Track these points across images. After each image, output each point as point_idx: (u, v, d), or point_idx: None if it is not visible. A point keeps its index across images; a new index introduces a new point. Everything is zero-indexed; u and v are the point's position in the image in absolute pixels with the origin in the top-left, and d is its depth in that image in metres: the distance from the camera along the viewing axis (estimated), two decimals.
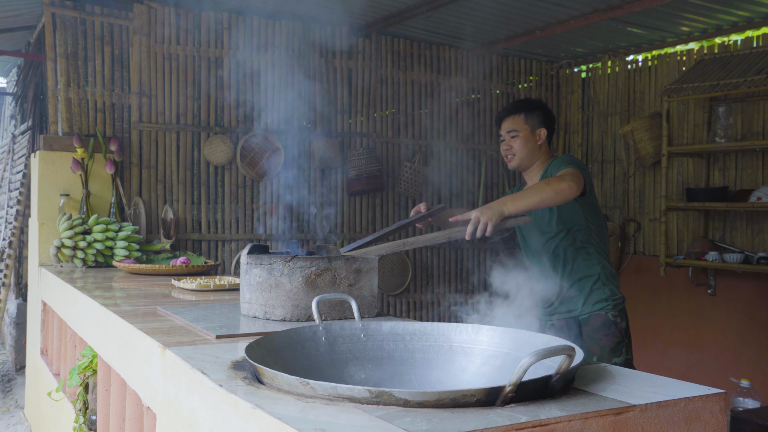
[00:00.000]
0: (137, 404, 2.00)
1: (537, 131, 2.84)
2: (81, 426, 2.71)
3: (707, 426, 1.20)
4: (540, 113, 2.87)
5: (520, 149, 2.85)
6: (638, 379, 1.33)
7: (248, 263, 2.07)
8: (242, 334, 1.83)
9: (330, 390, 1.15)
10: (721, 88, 4.62)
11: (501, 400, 1.11)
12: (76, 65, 4.48)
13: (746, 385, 3.39)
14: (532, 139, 2.84)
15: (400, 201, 5.58)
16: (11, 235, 5.72)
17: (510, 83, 6.04)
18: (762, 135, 4.89)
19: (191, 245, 4.80)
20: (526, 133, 2.85)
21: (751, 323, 4.94)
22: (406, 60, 5.57)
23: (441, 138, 5.72)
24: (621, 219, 5.80)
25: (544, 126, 2.86)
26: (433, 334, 1.63)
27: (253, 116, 4.98)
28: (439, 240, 2.34)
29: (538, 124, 2.85)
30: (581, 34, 5.37)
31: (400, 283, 5.56)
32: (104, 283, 3.24)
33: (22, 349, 5.60)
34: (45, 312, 4.01)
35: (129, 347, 2.02)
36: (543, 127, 2.86)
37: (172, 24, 4.73)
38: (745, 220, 5.00)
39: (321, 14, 4.96)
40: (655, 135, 5.28)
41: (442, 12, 4.82)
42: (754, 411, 3.10)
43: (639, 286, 5.57)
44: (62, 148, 4.31)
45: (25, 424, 4.58)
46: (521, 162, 2.86)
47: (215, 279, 3.12)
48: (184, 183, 4.79)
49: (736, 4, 4.59)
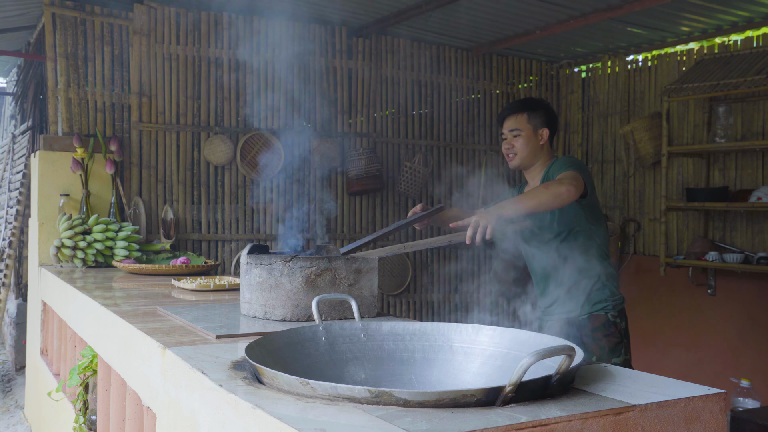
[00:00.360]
0: (137, 404, 2.00)
1: (539, 131, 2.83)
2: (81, 426, 2.71)
3: (707, 426, 1.20)
4: (543, 113, 2.86)
5: (521, 148, 2.84)
6: (638, 379, 1.33)
7: (248, 263, 2.07)
8: (242, 334, 1.83)
9: (330, 390, 1.15)
10: (721, 88, 4.62)
11: (501, 400, 1.11)
12: (76, 65, 4.48)
13: (746, 385, 3.40)
14: (534, 139, 2.83)
15: (400, 201, 5.58)
16: (11, 235, 5.72)
17: (510, 83, 6.04)
18: (762, 135, 4.89)
19: (191, 245, 4.80)
20: (528, 132, 2.83)
21: (751, 323, 4.94)
22: (406, 60, 5.56)
23: (441, 138, 5.72)
24: (621, 219, 5.80)
25: (547, 126, 2.85)
26: (433, 334, 1.63)
27: (253, 116, 4.98)
28: (439, 243, 2.35)
29: (541, 124, 2.84)
30: (581, 34, 5.37)
31: (400, 283, 5.56)
32: (104, 283, 3.24)
33: (22, 349, 5.60)
34: (45, 312, 4.01)
35: (129, 347, 2.02)
36: (545, 127, 2.85)
37: (172, 24, 4.73)
38: (745, 220, 5.01)
39: (321, 14, 4.96)
40: (655, 135, 5.28)
41: (442, 12, 4.81)
42: (754, 411, 3.10)
43: (639, 286, 5.57)
44: (62, 148, 4.31)
45: (25, 424, 4.58)
46: (522, 161, 2.86)
47: (215, 279, 3.12)
48: (184, 183, 4.79)
49: (736, 4, 4.59)
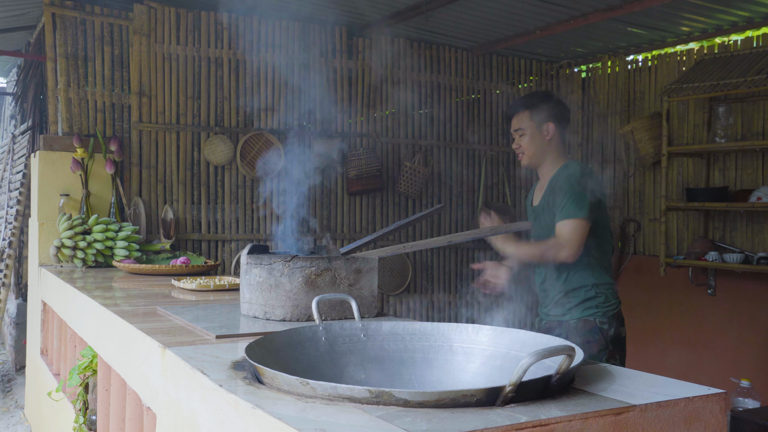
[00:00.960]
0: (137, 404, 2.00)
1: (544, 126, 2.77)
2: (81, 426, 2.71)
3: (707, 426, 1.20)
4: (546, 107, 2.79)
5: (527, 147, 2.80)
6: (638, 379, 1.33)
7: (248, 263, 2.07)
8: (242, 334, 1.83)
9: (330, 390, 1.15)
10: (721, 88, 4.62)
11: (501, 400, 1.11)
12: (76, 65, 4.48)
13: (746, 385, 3.39)
14: (539, 136, 2.77)
15: (400, 201, 5.58)
16: (11, 235, 5.72)
17: (510, 83, 6.04)
18: (762, 135, 4.89)
19: (191, 245, 4.80)
20: (532, 129, 2.78)
21: (751, 323, 4.94)
22: (406, 60, 5.56)
23: (441, 138, 5.72)
24: (621, 219, 5.80)
25: (552, 120, 2.78)
26: (433, 334, 1.63)
27: (253, 116, 4.99)
28: (439, 243, 2.36)
29: (546, 118, 2.78)
30: (581, 34, 5.37)
31: (400, 283, 5.56)
32: (104, 283, 3.23)
33: (22, 349, 5.60)
34: (45, 312, 4.01)
35: (129, 347, 2.02)
36: (550, 122, 2.77)
37: (172, 24, 4.73)
38: (745, 220, 5.00)
39: (321, 14, 4.96)
40: (655, 135, 5.28)
41: (442, 12, 4.81)
42: (754, 411, 3.10)
43: (639, 286, 5.57)
44: (62, 148, 4.31)
45: (25, 424, 4.58)
46: (531, 160, 2.82)
47: (215, 279, 3.12)
48: (184, 183, 4.79)
49: (736, 4, 4.59)
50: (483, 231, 2.66)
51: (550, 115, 2.79)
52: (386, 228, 2.48)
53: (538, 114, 2.79)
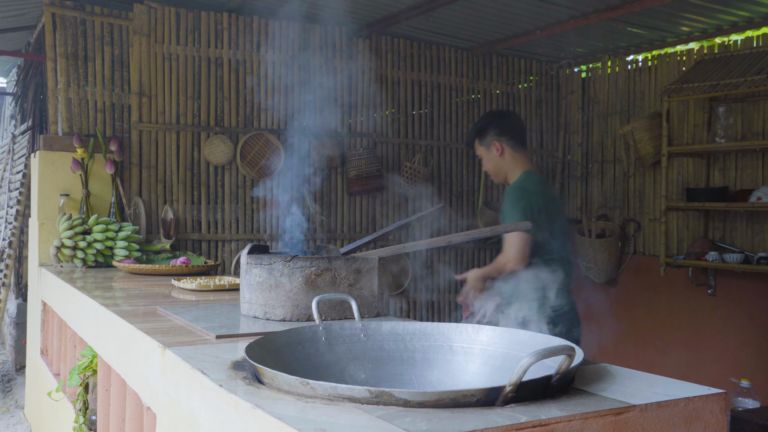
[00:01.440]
0: (137, 404, 2.00)
1: (492, 147, 3.04)
2: (81, 426, 2.71)
3: (707, 426, 1.20)
4: (489, 128, 3.06)
5: (487, 169, 3.13)
6: (638, 379, 1.33)
7: (248, 263, 2.07)
8: (242, 334, 1.83)
9: (330, 390, 1.15)
10: (721, 88, 4.62)
11: (501, 400, 1.11)
12: (76, 65, 4.48)
13: (746, 385, 3.39)
14: (491, 157, 3.07)
15: (400, 201, 5.58)
16: (11, 235, 5.72)
17: (510, 83, 6.04)
18: (762, 135, 4.89)
19: (191, 245, 4.80)
20: (484, 153, 3.11)
21: (751, 323, 4.94)
22: (406, 60, 5.57)
23: (441, 138, 5.72)
24: (621, 219, 5.80)
25: (496, 138, 3.05)
26: (433, 334, 1.63)
27: (253, 116, 4.99)
28: (439, 243, 2.36)
29: (491, 139, 3.05)
30: (581, 34, 5.37)
31: (400, 283, 5.56)
32: (104, 283, 3.24)
33: (22, 349, 5.60)
34: (45, 312, 4.01)
35: (129, 347, 2.02)
36: (495, 141, 3.04)
37: (172, 24, 4.73)
38: (745, 220, 5.00)
39: (321, 14, 4.95)
40: (655, 135, 5.28)
41: (442, 12, 4.81)
42: (754, 411, 3.10)
43: (639, 286, 5.57)
44: (62, 148, 4.31)
45: (25, 424, 4.58)
46: (496, 178, 3.14)
47: (215, 279, 3.12)
48: (184, 183, 4.79)
49: (736, 4, 4.59)
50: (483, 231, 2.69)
51: (494, 134, 3.07)
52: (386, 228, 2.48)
53: (483, 138, 3.09)
